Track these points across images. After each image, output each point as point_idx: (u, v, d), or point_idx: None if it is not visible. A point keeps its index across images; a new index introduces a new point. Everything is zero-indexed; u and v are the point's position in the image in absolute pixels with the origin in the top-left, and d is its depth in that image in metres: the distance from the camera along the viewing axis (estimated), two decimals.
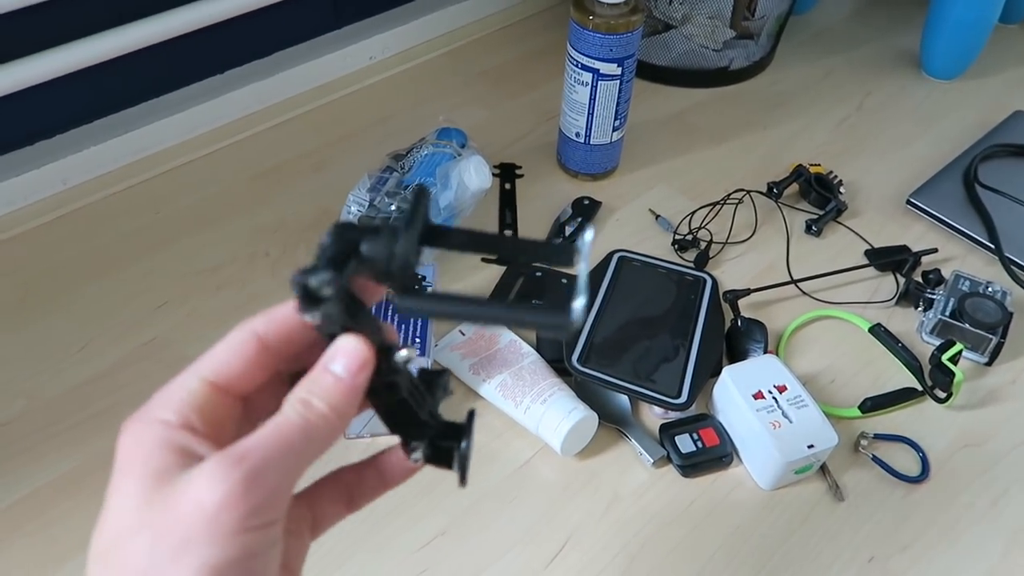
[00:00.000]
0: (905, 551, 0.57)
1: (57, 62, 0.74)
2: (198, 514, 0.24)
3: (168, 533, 0.24)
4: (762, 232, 0.80)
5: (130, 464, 0.25)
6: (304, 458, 0.26)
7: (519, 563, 0.56)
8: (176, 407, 0.26)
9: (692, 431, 0.62)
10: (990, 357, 0.69)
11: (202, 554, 0.23)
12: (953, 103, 0.98)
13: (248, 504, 0.24)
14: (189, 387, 0.27)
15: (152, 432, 0.26)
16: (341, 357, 0.27)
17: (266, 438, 0.25)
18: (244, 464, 0.24)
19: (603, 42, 0.74)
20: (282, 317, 0.28)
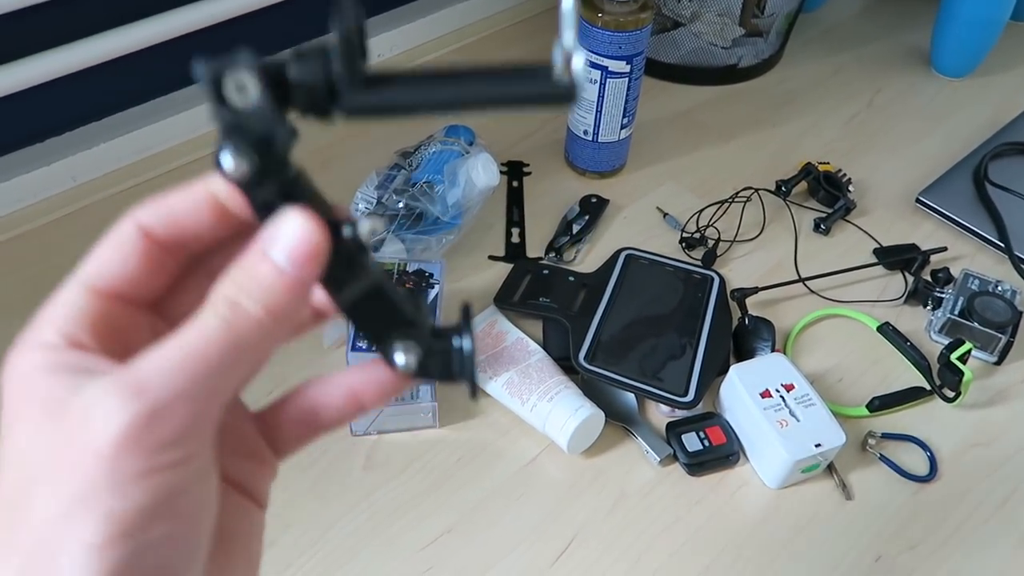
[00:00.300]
0: (913, 550, 0.57)
1: (66, 60, 0.74)
2: (97, 456, 0.19)
3: (68, 479, 0.19)
4: (770, 230, 0.80)
5: (20, 397, 0.21)
6: (230, 376, 0.21)
7: (525, 560, 0.56)
8: (58, 325, 0.21)
9: (699, 429, 0.62)
10: (999, 356, 0.68)
11: (104, 505, 0.19)
12: (963, 101, 0.98)
13: (155, 439, 0.19)
14: (70, 300, 0.22)
15: (33, 358, 0.21)
16: (283, 239, 0.21)
17: (173, 355, 0.20)
18: (144, 393, 0.19)
19: (612, 39, 0.73)
20: (175, 201, 0.22)
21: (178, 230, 0.23)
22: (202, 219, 0.23)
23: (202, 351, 0.20)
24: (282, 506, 0.58)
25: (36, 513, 0.20)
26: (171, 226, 0.22)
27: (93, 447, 0.19)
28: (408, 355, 0.24)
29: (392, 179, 0.74)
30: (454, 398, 0.65)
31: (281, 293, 0.21)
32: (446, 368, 0.25)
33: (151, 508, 0.20)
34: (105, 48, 0.76)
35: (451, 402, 0.64)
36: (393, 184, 0.73)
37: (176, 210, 0.22)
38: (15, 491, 0.20)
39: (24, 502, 0.20)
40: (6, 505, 0.20)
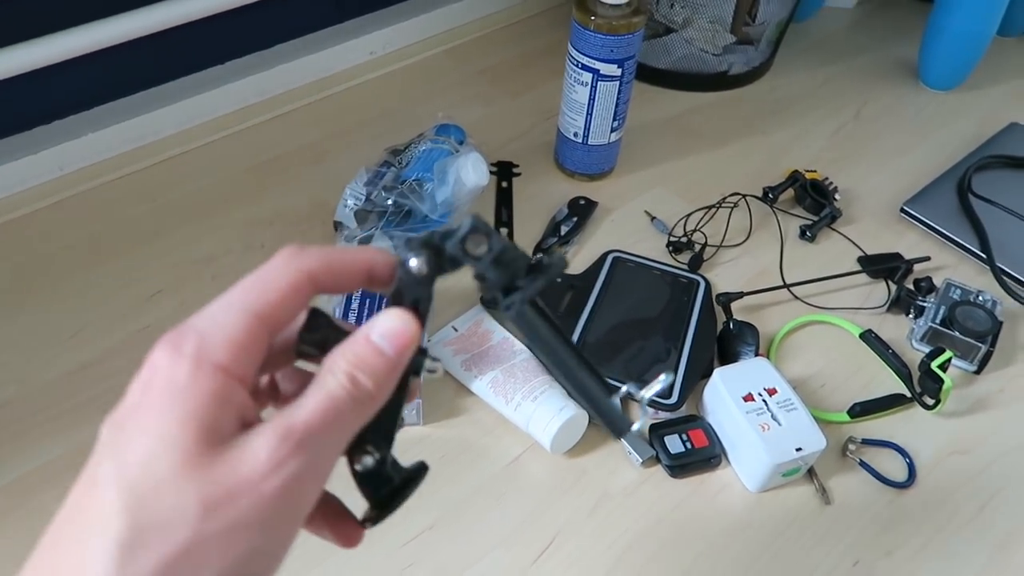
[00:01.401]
0: (890, 556, 0.58)
1: (56, 48, 0.74)
2: (256, 497, 0.22)
3: (221, 505, 0.22)
4: (756, 236, 0.81)
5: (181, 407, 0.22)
6: (351, 434, 0.25)
7: (507, 559, 0.56)
8: (232, 350, 0.23)
9: (682, 432, 0.62)
10: (979, 365, 0.69)
11: (253, 539, 0.22)
12: (949, 114, 0.99)
13: (308, 484, 0.23)
14: (248, 327, 0.24)
15: (210, 381, 0.23)
16: (390, 333, 0.25)
17: (318, 412, 0.24)
18: (308, 446, 0.23)
19: (604, 43, 0.74)
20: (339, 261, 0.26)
21: (334, 284, 0.26)
22: (354, 282, 0.27)
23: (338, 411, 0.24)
24: None
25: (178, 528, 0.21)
26: (333, 280, 0.26)
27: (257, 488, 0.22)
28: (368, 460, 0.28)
29: (382, 176, 0.74)
30: (438, 396, 0.65)
31: (385, 373, 0.25)
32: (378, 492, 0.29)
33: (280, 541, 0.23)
34: (96, 37, 0.76)
35: (435, 400, 0.64)
36: (382, 181, 0.73)
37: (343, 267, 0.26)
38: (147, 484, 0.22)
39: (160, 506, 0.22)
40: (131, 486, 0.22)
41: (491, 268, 0.28)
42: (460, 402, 0.65)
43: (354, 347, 0.25)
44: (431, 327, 0.68)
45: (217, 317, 0.24)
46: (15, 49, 0.72)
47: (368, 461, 0.28)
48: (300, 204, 0.81)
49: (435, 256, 0.28)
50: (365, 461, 0.28)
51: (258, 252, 0.76)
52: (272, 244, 0.77)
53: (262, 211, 0.80)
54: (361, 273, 0.27)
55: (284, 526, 0.23)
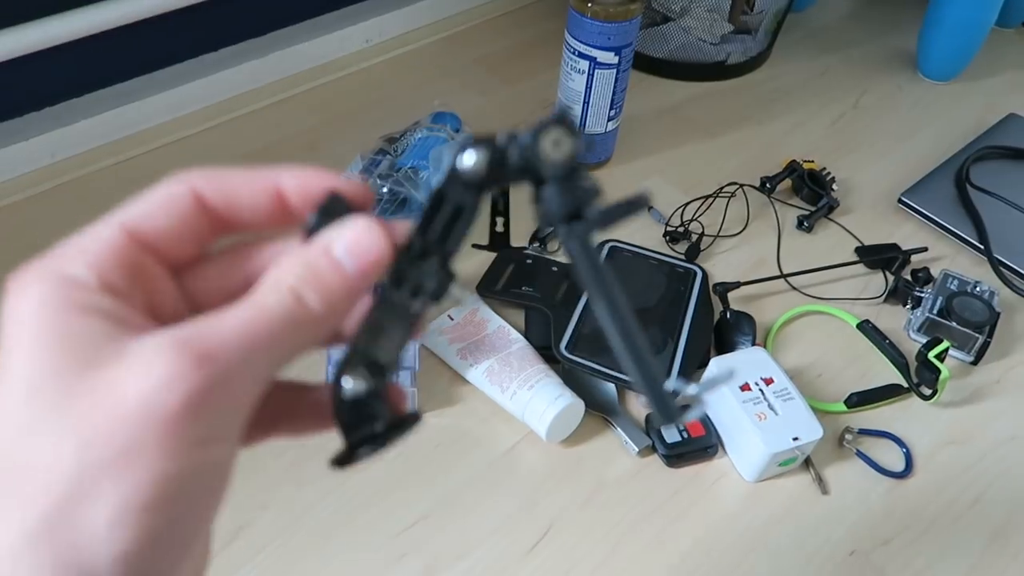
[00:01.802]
0: (887, 545, 0.58)
1: (48, 33, 0.73)
2: (148, 418, 0.18)
3: (104, 436, 0.18)
4: (754, 226, 0.80)
5: (32, 331, 0.19)
6: (282, 358, 0.21)
7: (501, 548, 0.56)
8: (91, 261, 0.20)
9: None
10: (976, 356, 0.69)
11: (152, 465, 0.18)
12: (948, 104, 0.98)
13: (214, 409, 0.19)
14: (109, 238, 0.21)
15: (63, 291, 0.19)
16: (356, 247, 0.21)
17: (238, 327, 0.20)
18: (212, 361, 0.19)
19: (601, 30, 0.73)
20: (238, 178, 0.22)
21: (230, 205, 0.22)
22: (258, 204, 0.22)
23: (266, 329, 0.20)
24: (258, 488, 0.58)
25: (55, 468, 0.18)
26: (225, 198, 0.22)
27: (147, 410, 0.18)
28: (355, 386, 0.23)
29: (377, 164, 0.73)
30: (434, 385, 0.65)
31: (340, 290, 0.21)
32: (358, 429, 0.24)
33: (196, 475, 0.19)
34: (88, 22, 0.75)
35: (431, 389, 0.64)
36: (378, 169, 0.72)
37: (236, 186, 0.22)
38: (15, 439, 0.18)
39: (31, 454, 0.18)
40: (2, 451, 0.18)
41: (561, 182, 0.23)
42: (455, 391, 0.64)
43: (308, 258, 0.21)
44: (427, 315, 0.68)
45: (76, 238, 0.21)
46: (6, 34, 0.71)
47: (357, 386, 0.23)
48: None
49: (496, 157, 0.23)
50: (354, 385, 0.23)
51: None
52: None
53: None
54: (264, 191, 0.22)
55: (196, 449, 0.19)
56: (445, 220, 0.23)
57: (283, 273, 0.21)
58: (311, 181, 0.22)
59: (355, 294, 0.22)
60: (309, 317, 0.21)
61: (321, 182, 0.22)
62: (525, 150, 0.23)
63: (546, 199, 0.23)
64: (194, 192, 0.22)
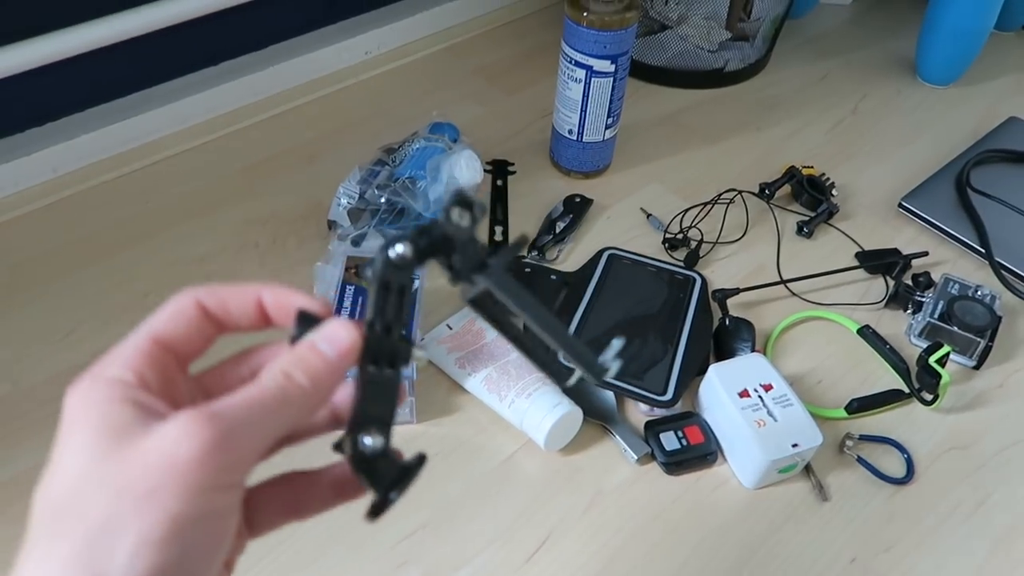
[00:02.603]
0: (888, 552, 0.57)
1: (49, 49, 0.74)
2: (167, 466, 0.23)
3: (132, 484, 0.23)
4: (753, 232, 0.80)
5: (83, 420, 0.24)
6: (277, 425, 0.26)
7: (501, 556, 0.56)
8: (131, 365, 0.26)
9: (677, 429, 0.62)
10: (978, 360, 0.69)
11: (168, 506, 0.23)
12: (947, 109, 0.98)
13: (220, 461, 0.23)
14: (140, 346, 0.26)
15: (106, 389, 0.25)
16: (332, 337, 0.27)
17: (241, 399, 0.25)
18: (219, 421, 0.24)
19: (597, 39, 0.74)
20: (228, 295, 0.28)
21: (225, 312, 0.28)
22: (246, 311, 0.28)
23: (261, 399, 0.25)
24: None
25: (92, 511, 0.23)
26: (221, 306, 0.28)
27: (168, 458, 0.23)
28: (375, 441, 0.28)
29: (375, 174, 0.73)
30: (432, 396, 0.65)
31: (322, 371, 0.27)
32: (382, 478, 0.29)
33: (203, 518, 0.23)
34: (89, 38, 0.76)
35: (429, 398, 0.64)
36: (376, 179, 0.73)
37: (228, 296, 0.28)
38: (64, 495, 0.23)
39: (75, 503, 0.23)
40: (53, 505, 0.23)
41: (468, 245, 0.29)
42: (454, 400, 0.64)
43: (297, 350, 0.27)
44: (425, 324, 0.68)
45: (116, 348, 0.27)
46: (8, 50, 0.72)
47: (376, 442, 0.28)
48: (294, 203, 0.81)
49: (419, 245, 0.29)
50: (370, 443, 0.28)
51: (252, 251, 0.76)
52: (266, 243, 0.76)
53: (256, 211, 0.80)
54: (249, 302, 0.28)
55: (206, 494, 0.23)
56: (396, 301, 0.29)
57: (278, 362, 0.27)
58: (283, 296, 0.29)
59: (336, 373, 0.27)
60: (299, 390, 0.26)
61: (291, 298, 0.29)
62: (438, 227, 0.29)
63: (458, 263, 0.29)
64: (198, 303, 0.28)
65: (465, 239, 0.29)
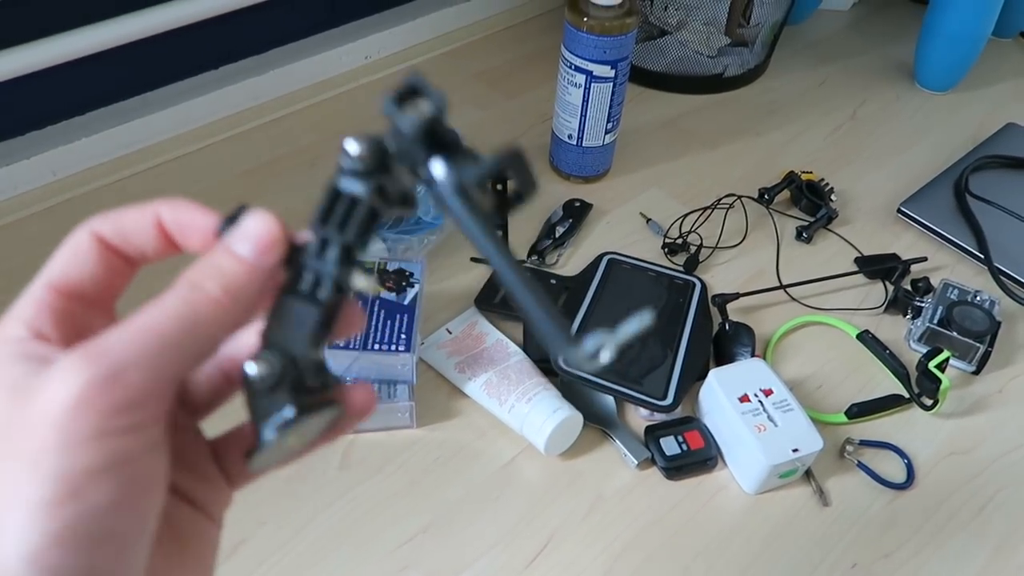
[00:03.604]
0: (889, 558, 0.57)
1: (49, 52, 0.74)
2: (48, 420, 0.20)
3: (20, 447, 0.20)
4: (752, 238, 0.80)
5: None
6: (185, 350, 0.22)
7: (501, 561, 0.56)
8: (24, 319, 0.23)
9: (677, 433, 0.62)
10: (977, 366, 0.69)
11: (54, 464, 0.20)
12: (946, 114, 0.99)
13: (107, 402, 0.20)
14: (35, 296, 0.23)
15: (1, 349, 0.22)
16: (247, 234, 0.23)
17: (131, 328, 0.21)
18: (101, 358, 0.20)
19: (597, 44, 0.74)
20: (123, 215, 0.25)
21: (125, 238, 0.25)
22: (147, 233, 0.25)
23: (159, 325, 0.21)
24: (257, 503, 0.58)
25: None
26: (120, 233, 0.24)
27: (47, 412, 0.20)
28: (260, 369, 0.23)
29: None
30: (432, 400, 0.65)
31: (239, 276, 0.23)
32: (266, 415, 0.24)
33: (100, 470, 0.20)
34: (90, 41, 0.76)
35: (428, 402, 0.64)
36: None
37: (126, 221, 0.24)
38: None
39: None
40: None
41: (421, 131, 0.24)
42: (454, 404, 0.64)
43: (208, 255, 0.23)
44: (425, 329, 0.68)
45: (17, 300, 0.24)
46: (8, 53, 0.72)
47: (261, 370, 0.23)
48: (296, 208, 0.81)
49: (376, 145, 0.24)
50: (257, 371, 0.23)
51: None
52: None
53: None
54: (147, 224, 0.24)
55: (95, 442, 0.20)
56: (342, 213, 0.24)
57: (186, 273, 0.23)
58: (183, 212, 0.25)
59: (256, 275, 0.23)
60: (211, 303, 0.22)
61: (192, 214, 0.25)
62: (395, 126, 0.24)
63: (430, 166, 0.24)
64: (94, 235, 0.24)
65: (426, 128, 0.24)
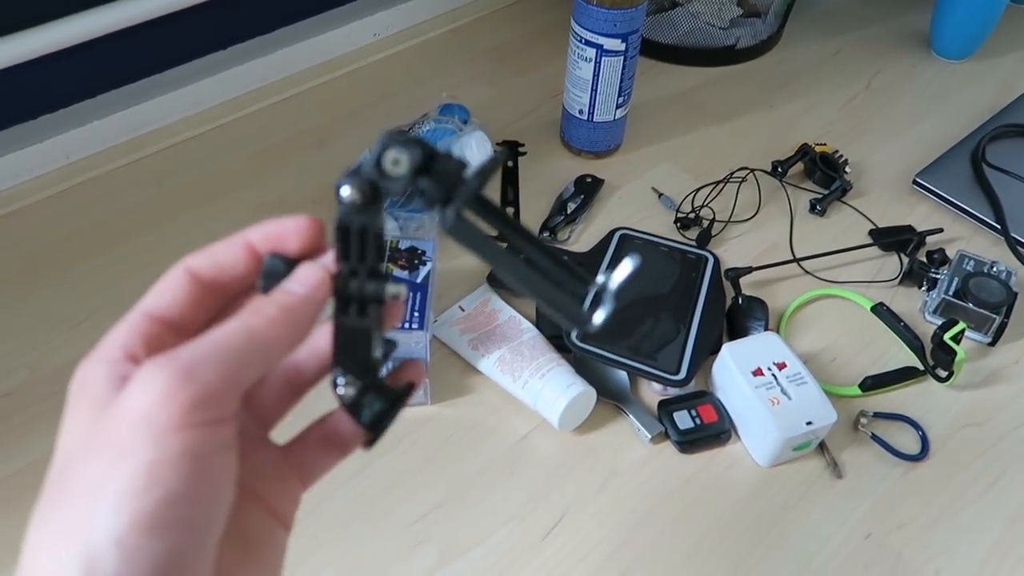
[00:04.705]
0: (903, 529, 0.57)
1: (60, 35, 0.74)
2: (135, 416, 0.23)
3: (110, 444, 0.23)
4: (765, 211, 0.80)
5: (77, 402, 0.25)
6: (248, 356, 0.25)
7: (515, 536, 0.56)
8: (121, 342, 0.26)
9: (691, 407, 0.62)
10: (993, 337, 0.68)
11: (139, 455, 0.22)
12: (962, 83, 0.97)
13: (183, 397, 0.23)
14: (131, 322, 0.27)
15: (98, 368, 0.25)
16: (299, 278, 0.27)
17: (200, 339, 0.25)
18: (177, 360, 0.24)
19: (607, 17, 0.73)
20: (217, 251, 0.28)
21: (218, 269, 0.28)
22: (237, 259, 0.28)
23: (225, 336, 0.25)
24: None
25: (79, 478, 0.23)
26: (213, 264, 0.28)
27: (134, 408, 0.23)
28: (347, 388, 0.29)
29: None
30: (445, 377, 0.65)
31: (293, 302, 0.27)
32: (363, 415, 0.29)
33: (178, 459, 0.23)
34: (100, 24, 0.76)
35: (443, 379, 0.64)
36: None
37: (217, 251, 0.28)
38: (60, 472, 0.24)
39: (68, 475, 0.24)
40: (53, 482, 0.24)
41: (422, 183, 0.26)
42: (467, 381, 0.65)
43: (268, 295, 0.27)
44: (438, 306, 0.68)
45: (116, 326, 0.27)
46: (19, 37, 0.72)
47: (350, 385, 0.29)
48: (305, 187, 0.81)
49: (367, 183, 0.27)
50: (346, 387, 0.29)
51: None
52: None
53: (267, 196, 0.80)
54: (238, 250, 0.28)
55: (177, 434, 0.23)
56: (357, 243, 0.28)
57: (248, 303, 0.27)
58: (271, 231, 0.28)
59: (310, 304, 0.27)
60: (268, 321, 0.26)
61: (279, 229, 0.28)
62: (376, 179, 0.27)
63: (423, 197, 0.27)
64: (188, 270, 0.28)
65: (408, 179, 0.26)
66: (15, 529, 0.55)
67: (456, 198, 0.26)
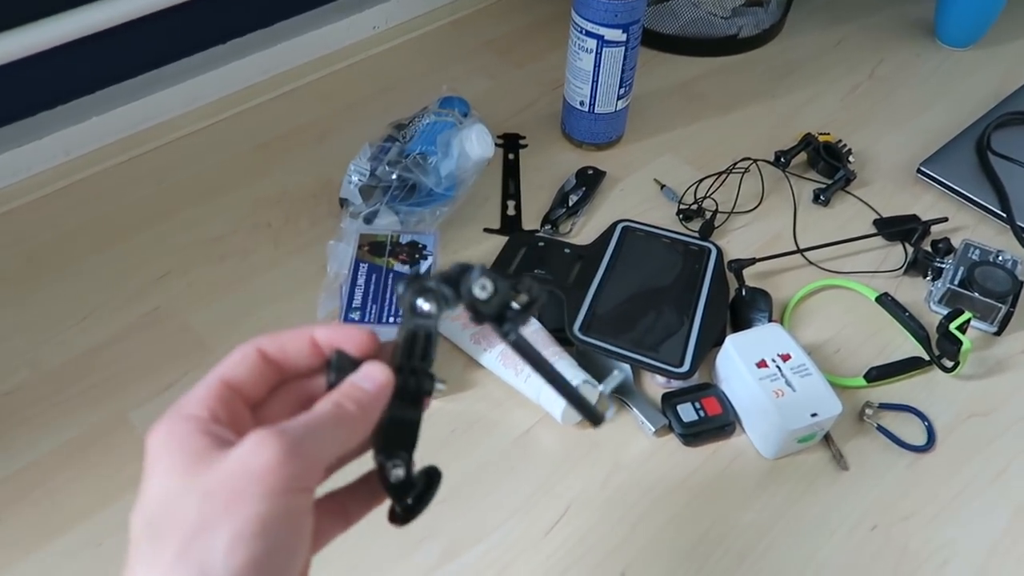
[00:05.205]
0: (908, 520, 0.57)
1: (58, 31, 0.74)
2: (248, 472, 0.27)
3: (217, 490, 0.26)
4: (769, 201, 0.79)
5: (165, 451, 0.28)
6: (336, 440, 0.30)
7: (520, 530, 0.56)
8: (204, 403, 0.30)
9: (694, 400, 0.61)
10: (999, 327, 0.68)
11: (253, 507, 0.26)
12: (967, 71, 0.96)
13: (292, 467, 0.27)
14: (211, 385, 0.30)
15: (184, 424, 0.29)
16: (371, 375, 0.32)
17: (303, 419, 0.29)
18: (288, 435, 0.28)
19: (608, 7, 0.72)
20: (285, 338, 0.33)
21: (284, 354, 0.33)
22: (302, 350, 0.33)
23: (319, 419, 0.30)
24: None
25: (182, 514, 0.26)
26: (280, 349, 0.33)
27: (248, 468, 0.27)
28: (396, 471, 0.33)
29: (386, 151, 0.73)
30: (448, 371, 0.65)
31: (367, 399, 0.31)
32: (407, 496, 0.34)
33: (285, 518, 0.27)
34: (98, 19, 0.75)
35: (445, 375, 0.64)
36: (387, 156, 0.72)
37: (286, 340, 0.33)
38: (157, 510, 0.27)
39: (168, 515, 0.27)
40: (147, 521, 0.27)
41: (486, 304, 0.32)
42: (470, 375, 0.64)
43: (342, 387, 0.32)
44: None
45: (189, 392, 0.30)
46: (16, 33, 0.72)
47: (398, 472, 0.33)
48: (306, 182, 0.81)
49: (441, 297, 0.32)
50: (396, 472, 0.33)
51: (266, 231, 0.76)
52: (279, 222, 0.76)
53: (268, 190, 0.80)
54: (303, 342, 0.33)
55: (283, 495, 0.27)
56: (422, 346, 0.33)
57: (328, 396, 0.31)
58: (334, 333, 0.33)
59: (377, 403, 0.31)
60: (349, 415, 0.30)
61: (340, 333, 0.33)
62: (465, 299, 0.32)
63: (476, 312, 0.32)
64: (259, 349, 0.32)
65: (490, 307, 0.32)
66: (15, 529, 0.55)
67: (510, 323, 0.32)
